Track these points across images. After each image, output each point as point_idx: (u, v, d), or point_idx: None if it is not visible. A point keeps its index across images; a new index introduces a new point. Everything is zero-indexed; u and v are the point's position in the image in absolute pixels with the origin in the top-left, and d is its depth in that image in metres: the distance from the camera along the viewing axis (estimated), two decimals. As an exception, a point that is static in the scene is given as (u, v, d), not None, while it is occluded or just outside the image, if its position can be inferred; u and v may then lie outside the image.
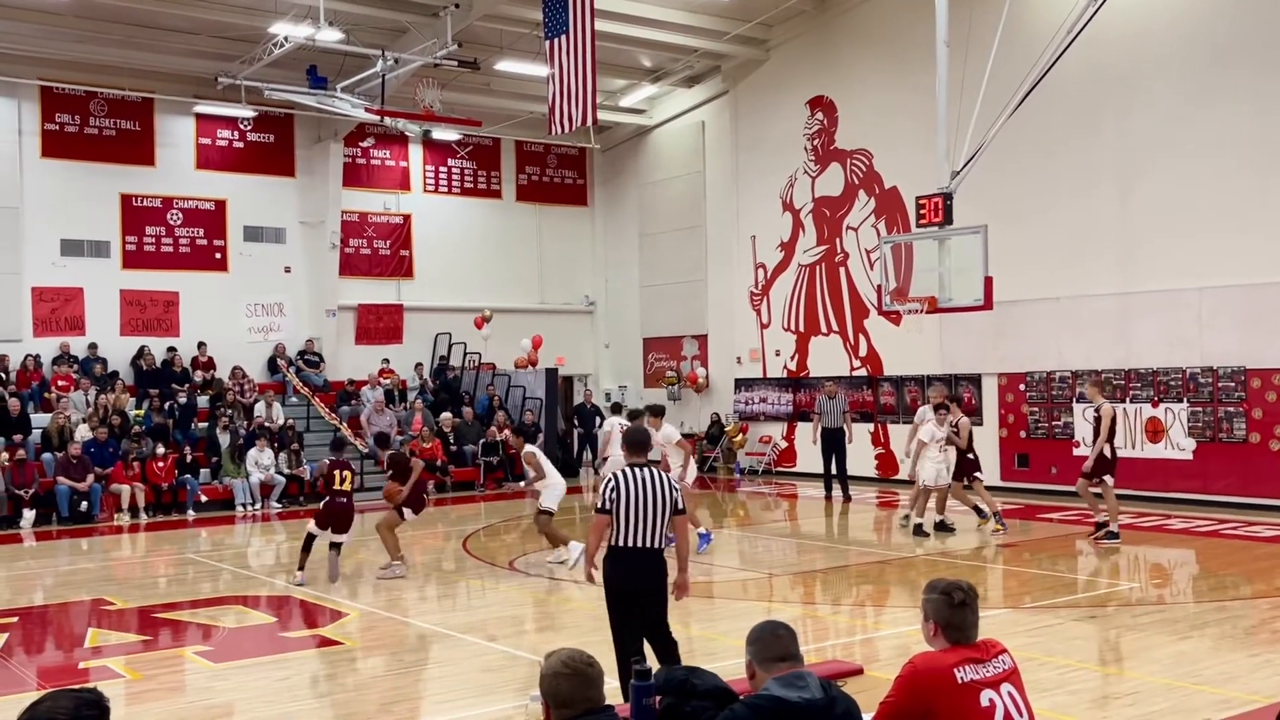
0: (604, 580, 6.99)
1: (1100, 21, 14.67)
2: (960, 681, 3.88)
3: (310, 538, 12.62)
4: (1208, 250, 16.92)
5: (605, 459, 14.42)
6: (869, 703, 4.31)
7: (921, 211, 14.46)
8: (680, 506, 6.86)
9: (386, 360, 25.08)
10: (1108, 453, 13.88)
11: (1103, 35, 16.13)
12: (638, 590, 6.83)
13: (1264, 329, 16.46)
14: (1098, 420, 14.06)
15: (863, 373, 22.35)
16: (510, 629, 10.44)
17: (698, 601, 11.22)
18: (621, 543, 6.79)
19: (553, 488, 13.18)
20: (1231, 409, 16.91)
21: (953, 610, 4.07)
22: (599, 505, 6.86)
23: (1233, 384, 16.89)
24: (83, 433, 19.54)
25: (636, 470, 6.84)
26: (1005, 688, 3.94)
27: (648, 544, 6.74)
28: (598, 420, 25.54)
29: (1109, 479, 13.93)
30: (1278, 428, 16.40)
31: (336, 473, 12.63)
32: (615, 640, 6.95)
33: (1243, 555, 13.23)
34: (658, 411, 13.99)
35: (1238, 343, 16.80)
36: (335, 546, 12.60)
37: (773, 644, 3.93)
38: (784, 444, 23.96)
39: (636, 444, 7.15)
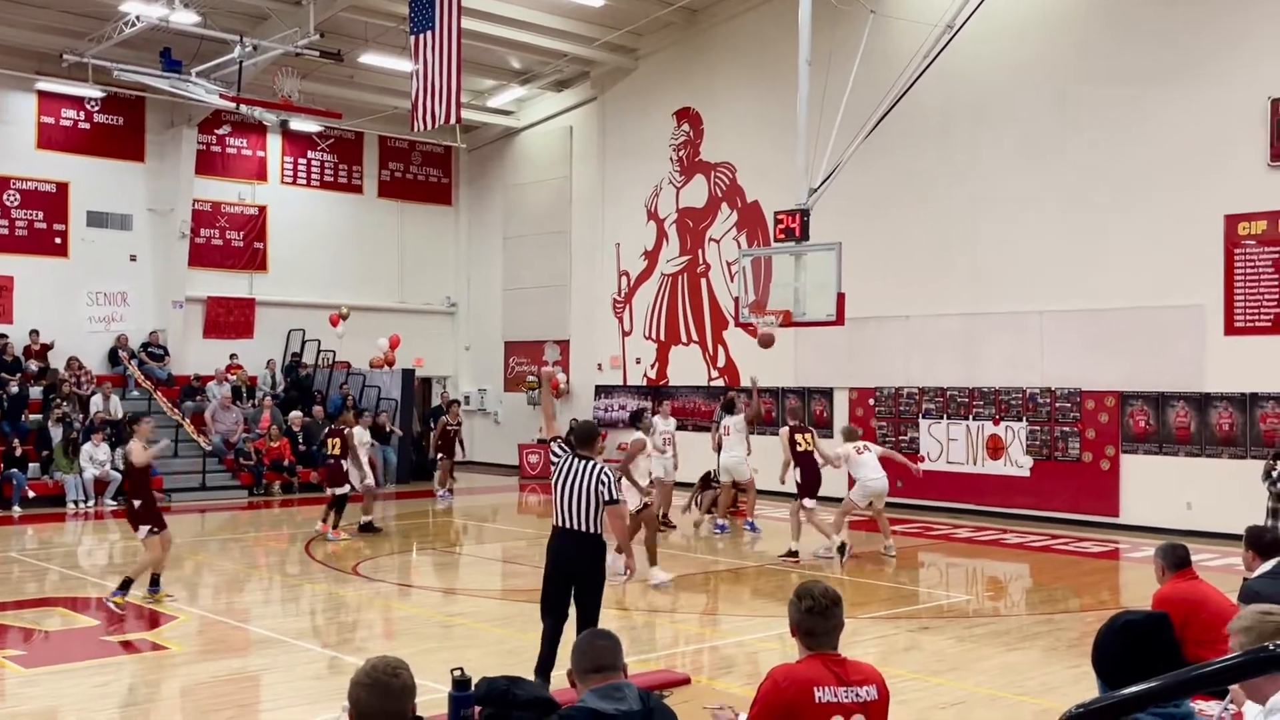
0: None
1: (954, 53, 15.11)
2: (817, 701, 3.83)
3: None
4: (1050, 276, 17.59)
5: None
6: (693, 713, 4.29)
7: (780, 226, 14.67)
8: (609, 498, 7.44)
9: (234, 355, 24.26)
10: (798, 476, 14.19)
11: (956, 66, 16.60)
12: (556, 567, 7.59)
13: (1099, 353, 17.18)
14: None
15: (720, 383, 22.57)
16: (347, 635, 10.18)
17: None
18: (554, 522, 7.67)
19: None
20: (1067, 429, 17.61)
21: (802, 615, 4.05)
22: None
23: (1069, 405, 17.59)
24: (-100, 422, 18.42)
25: (575, 460, 7.58)
26: (856, 718, 3.87)
27: (568, 525, 7.46)
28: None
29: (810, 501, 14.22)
30: (1108, 448, 17.14)
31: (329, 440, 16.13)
32: None
33: (1072, 570, 13.77)
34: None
35: (1075, 366, 17.50)
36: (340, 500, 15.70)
37: (589, 654, 3.87)
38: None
39: (581, 437, 7.82)
